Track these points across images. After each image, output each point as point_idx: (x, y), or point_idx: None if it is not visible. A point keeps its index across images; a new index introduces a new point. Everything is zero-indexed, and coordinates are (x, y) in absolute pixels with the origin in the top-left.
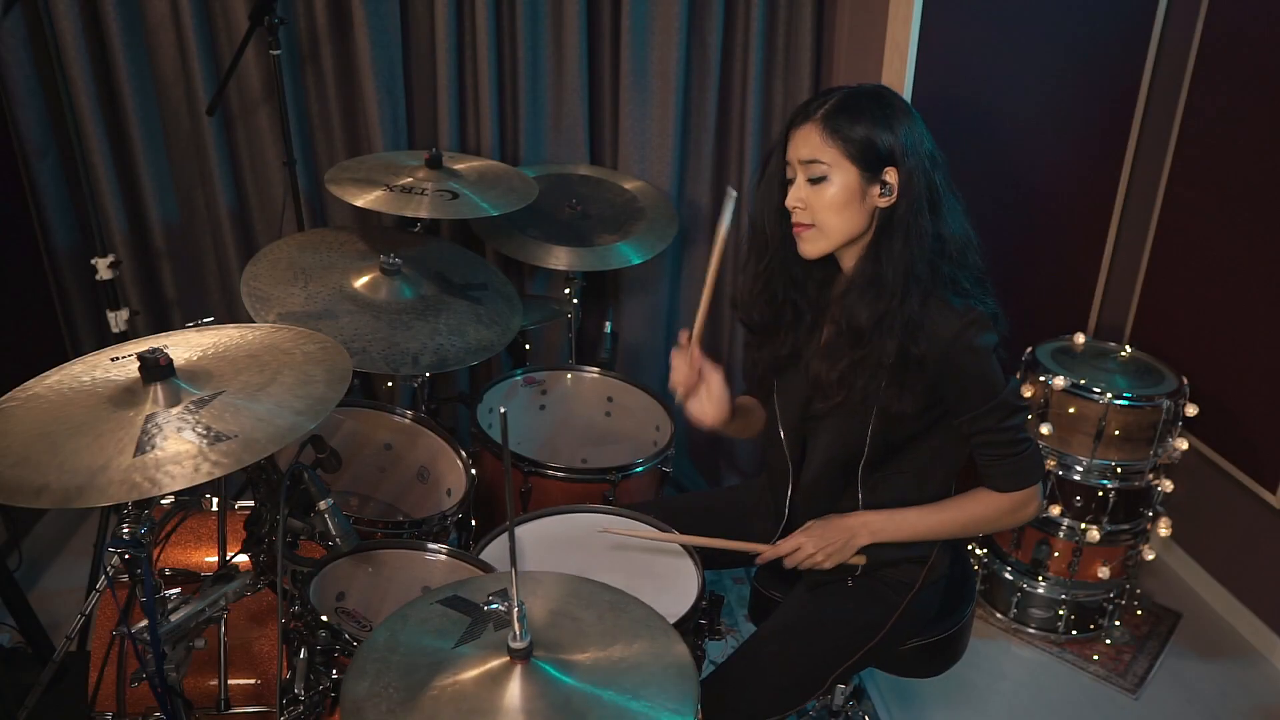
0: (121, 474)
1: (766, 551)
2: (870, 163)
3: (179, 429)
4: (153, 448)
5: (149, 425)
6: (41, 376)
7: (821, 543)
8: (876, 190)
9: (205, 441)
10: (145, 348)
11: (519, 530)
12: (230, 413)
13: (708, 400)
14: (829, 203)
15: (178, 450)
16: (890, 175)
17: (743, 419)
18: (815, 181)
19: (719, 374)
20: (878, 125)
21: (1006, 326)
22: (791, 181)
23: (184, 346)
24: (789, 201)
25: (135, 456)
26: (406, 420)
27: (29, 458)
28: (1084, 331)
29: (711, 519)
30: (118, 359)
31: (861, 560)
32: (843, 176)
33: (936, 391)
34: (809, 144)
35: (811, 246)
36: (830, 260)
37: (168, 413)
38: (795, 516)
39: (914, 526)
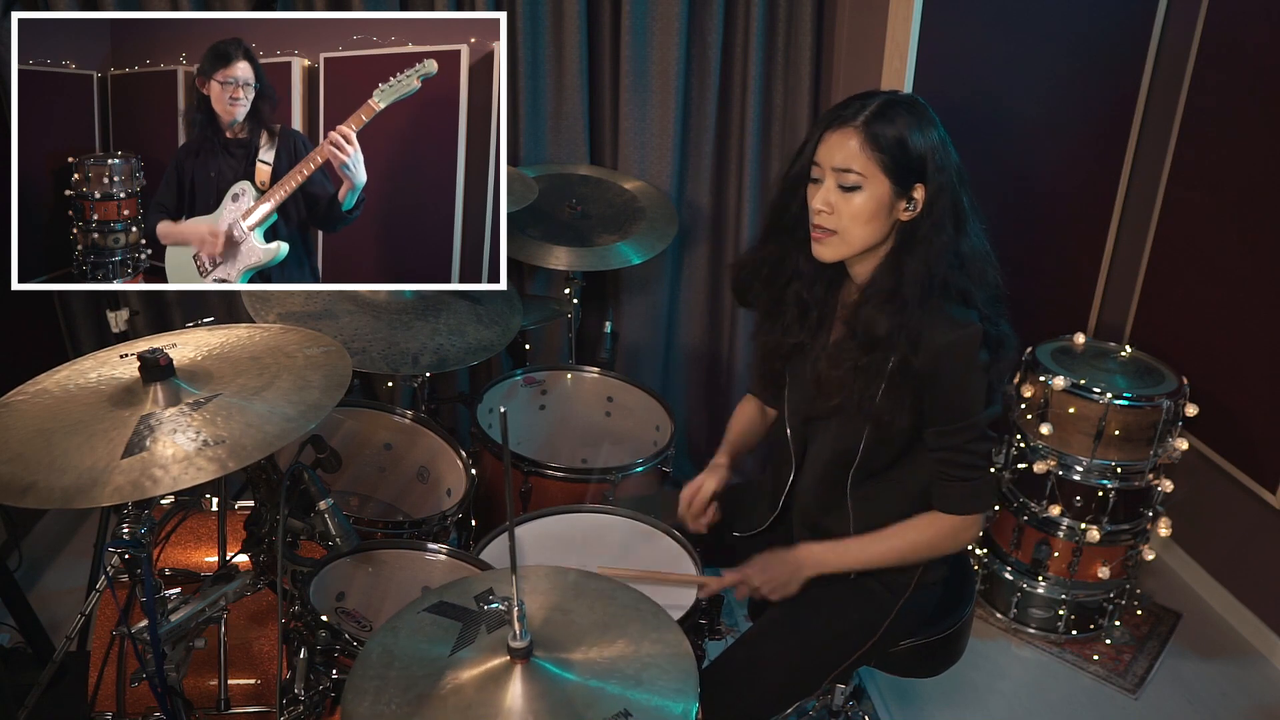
0: (109, 476)
1: (710, 584)
2: (904, 178)
3: (171, 431)
4: (142, 450)
5: (141, 426)
6: (51, 371)
7: (765, 575)
8: (903, 204)
9: (194, 445)
10: (148, 346)
11: (519, 530)
12: (223, 416)
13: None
14: (857, 212)
15: (166, 454)
16: (918, 191)
17: (754, 439)
18: (847, 190)
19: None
20: (914, 139)
21: (1015, 348)
22: (817, 182)
23: (191, 346)
24: (815, 203)
25: (124, 458)
26: (406, 420)
27: (23, 454)
28: (1084, 331)
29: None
30: (126, 356)
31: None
32: (875, 188)
33: (922, 399)
34: (845, 151)
35: (830, 251)
36: (840, 262)
37: (163, 414)
38: (790, 510)
39: (856, 557)
